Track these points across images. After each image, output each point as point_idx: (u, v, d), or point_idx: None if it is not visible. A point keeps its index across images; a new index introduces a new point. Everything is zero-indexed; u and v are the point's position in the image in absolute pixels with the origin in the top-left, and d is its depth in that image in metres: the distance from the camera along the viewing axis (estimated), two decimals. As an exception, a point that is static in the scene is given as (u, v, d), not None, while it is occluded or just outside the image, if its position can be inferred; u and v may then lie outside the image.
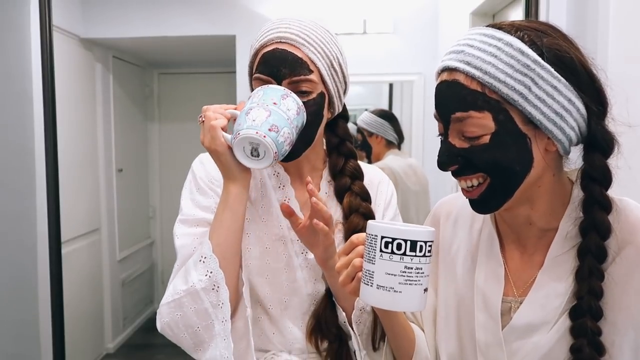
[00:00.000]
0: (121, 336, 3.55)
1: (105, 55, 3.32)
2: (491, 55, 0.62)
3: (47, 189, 1.78)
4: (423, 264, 0.63)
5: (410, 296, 0.63)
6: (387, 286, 0.63)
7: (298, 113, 0.81)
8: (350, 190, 0.95)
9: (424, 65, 2.90)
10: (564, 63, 0.62)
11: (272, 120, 0.77)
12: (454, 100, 0.65)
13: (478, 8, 2.24)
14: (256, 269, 0.92)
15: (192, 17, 2.95)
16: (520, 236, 0.73)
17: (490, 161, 0.64)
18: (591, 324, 0.62)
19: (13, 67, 2.30)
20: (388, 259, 0.63)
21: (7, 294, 2.24)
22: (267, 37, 0.89)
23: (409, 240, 0.62)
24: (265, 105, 0.79)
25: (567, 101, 0.62)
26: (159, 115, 4.10)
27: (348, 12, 2.90)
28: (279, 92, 0.81)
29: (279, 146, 0.78)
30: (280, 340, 0.92)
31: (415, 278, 0.63)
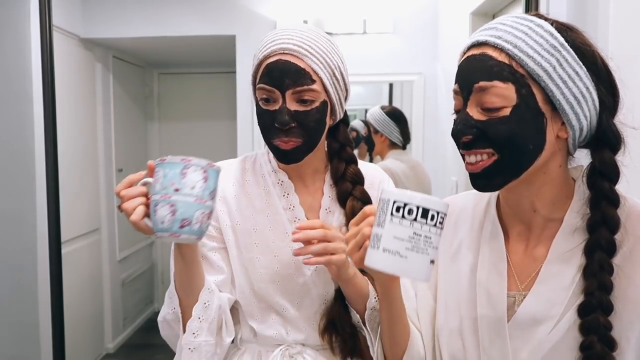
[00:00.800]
0: (121, 336, 3.55)
1: (105, 55, 3.32)
2: (522, 32, 0.65)
3: (47, 189, 1.78)
4: (433, 233, 0.63)
5: (415, 263, 0.62)
6: (393, 250, 0.62)
7: (205, 179, 0.75)
8: (352, 195, 0.98)
9: (424, 65, 2.90)
10: (585, 54, 0.65)
11: (179, 216, 0.74)
12: (479, 70, 0.66)
13: (478, 8, 2.24)
14: (267, 277, 0.96)
15: (192, 17, 2.95)
16: (525, 225, 0.73)
17: (507, 135, 0.65)
18: (603, 319, 0.62)
19: (13, 67, 2.30)
20: (397, 223, 0.62)
21: (7, 294, 2.24)
22: (270, 48, 0.91)
23: (421, 207, 0.62)
24: (168, 197, 0.74)
25: (585, 88, 0.65)
26: (159, 115, 4.10)
27: (348, 12, 2.90)
28: (177, 170, 0.74)
29: (197, 232, 0.76)
30: (295, 338, 0.98)
31: (423, 246, 0.62)
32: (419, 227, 0.62)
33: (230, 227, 0.98)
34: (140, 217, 0.77)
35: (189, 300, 0.91)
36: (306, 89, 0.90)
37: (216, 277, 0.97)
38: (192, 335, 0.90)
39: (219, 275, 0.98)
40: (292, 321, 0.98)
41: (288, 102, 0.90)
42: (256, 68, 0.93)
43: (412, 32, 2.91)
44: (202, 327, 0.91)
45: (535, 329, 0.68)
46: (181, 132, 4.07)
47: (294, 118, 0.90)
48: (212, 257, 0.98)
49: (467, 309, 0.74)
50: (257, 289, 0.97)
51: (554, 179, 0.69)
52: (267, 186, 1.00)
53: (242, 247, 0.97)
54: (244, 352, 1.01)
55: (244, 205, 0.99)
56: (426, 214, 0.62)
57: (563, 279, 0.67)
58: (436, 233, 0.63)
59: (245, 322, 1.00)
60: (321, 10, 2.88)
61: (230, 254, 0.98)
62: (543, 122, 0.65)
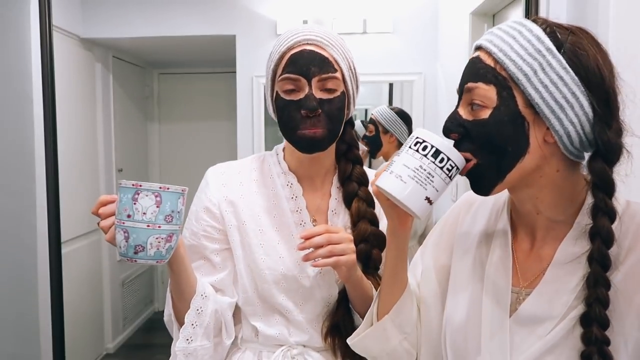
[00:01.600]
0: (121, 336, 3.55)
1: (105, 55, 3.32)
2: (511, 37, 0.66)
3: (47, 189, 1.78)
4: (437, 174, 0.68)
5: (412, 192, 0.69)
6: (398, 173, 0.69)
7: (158, 204, 0.76)
8: (358, 196, 1.00)
9: (424, 65, 2.90)
10: (579, 59, 0.64)
11: (132, 242, 0.75)
12: (470, 72, 0.70)
13: (478, 8, 2.24)
14: (271, 278, 0.97)
15: (192, 17, 2.95)
16: (530, 226, 0.74)
17: (485, 135, 0.67)
18: (598, 332, 0.62)
19: (13, 67, 2.30)
20: (410, 154, 0.70)
21: (7, 294, 2.24)
22: (294, 40, 0.93)
23: (435, 147, 0.68)
24: (122, 224, 0.75)
25: (570, 94, 0.64)
26: (159, 115, 4.10)
27: (348, 12, 2.90)
28: (129, 195, 0.75)
29: (154, 257, 0.77)
30: (297, 339, 0.99)
31: (424, 180, 0.68)
32: (426, 162, 0.68)
33: (236, 227, 0.99)
34: (112, 237, 0.79)
35: (181, 305, 0.94)
36: (331, 76, 0.92)
37: (216, 277, 0.99)
38: (186, 341, 0.92)
39: (220, 274, 0.99)
40: (295, 323, 0.98)
41: (314, 90, 0.92)
42: (277, 62, 0.94)
43: (412, 32, 2.91)
44: (197, 332, 0.92)
45: (535, 327, 0.68)
46: (181, 132, 4.07)
47: (319, 105, 0.92)
48: (215, 259, 0.99)
49: (473, 300, 0.76)
50: (261, 290, 0.98)
51: (552, 183, 0.69)
52: (276, 187, 1.00)
53: (248, 247, 0.98)
54: (244, 351, 1.02)
55: (250, 205, 1.00)
56: (437, 155, 0.68)
57: (568, 281, 0.67)
58: (440, 176, 0.69)
59: (247, 321, 1.01)
60: (321, 10, 2.88)
61: (235, 254, 0.99)
62: (524, 125, 0.66)
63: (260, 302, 0.99)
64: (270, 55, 0.97)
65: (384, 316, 0.83)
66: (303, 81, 0.91)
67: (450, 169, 0.69)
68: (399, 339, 0.84)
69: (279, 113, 0.95)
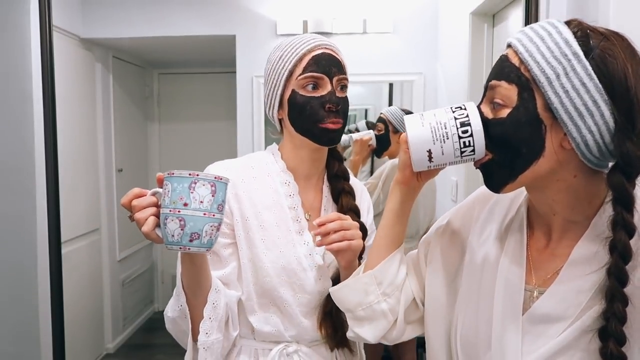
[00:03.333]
0: (121, 336, 3.55)
1: (105, 55, 3.32)
2: (540, 38, 0.65)
3: (47, 189, 1.78)
4: (453, 139, 0.70)
5: (421, 136, 0.71)
6: (424, 117, 0.72)
7: (213, 193, 0.77)
8: (344, 190, 1.09)
9: (424, 65, 2.90)
10: (607, 66, 0.62)
11: (189, 230, 0.76)
12: (496, 70, 0.70)
13: (478, 8, 2.24)
14: (272, 272, 1.02)
15: (192, 17, 2.95)
16: (546, 225, 0.73)
17: (501, 135, 0.67)
18: (614, 348, 0.61)
19: (13, 67, 2.30)
20: (446, 111, 0.72)
21: (7, 294, 2.24)
22: (313, 43, 1.02)
23: (469, 118, 0.69)
24: (177, 212, 0.75)
25: (591, 101, 0.62)
26: (159, 115, 4.10)
27: (348, 12, 2.90)
28: (185, 184, 0.76)
29: (206, 245, 0.79)
30: (292, 334, 1.04)
31: (439, 135, 0.70)
32: (451, 123, 0.70)
33: (241, 223, 1.03)
34: (151, 227, 0.78)
35: (196, 300, 0.94)
36: (345, 77, 1.04)
37: (223, 271, 1.02)
38: (205, 335, 0.95)
39: (227, 269, 1.02)
40: (290, 316, 1.03)
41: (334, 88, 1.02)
42: (295, 62, 1.01)
43: (412, 32, 2.91)
44: (213, 326, 0.95)
45: (548, 327, 0.68)
46: (181, 132, 4.08)
47: (339, 101, 1.02)
48: (223, 253, 1.03)
49: (486, 295, 0.75)
50: (262, 283, 1.02)
51: (569, 187, 0.68)
52: (274, 185, 1.06)
53: (251, 242, 1.02)
54: (240, 349, 1.05)
55: (252, 202, 1.04)
56: (464, 125, 0.70)
57: (583, 282, 0.66)
58: (454, 143, 0.70)
59: (244, 318, 1.04)
60: (321, 10, 2.88)
61: (240, 248, 1.03)
62: (541, 128, 0.65)
63: (257, 297, 1.03)
64: (281, 58, 1.02)
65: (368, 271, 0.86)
66: (326, 79, 1.01)
67: (466, 145, 0.70)
68: (377, 297, 0.85)
69: (299, 108, 1.01)
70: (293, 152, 1.07)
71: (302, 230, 1.06)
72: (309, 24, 2.88)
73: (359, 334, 0.87)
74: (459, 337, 0.78)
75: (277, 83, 1.03)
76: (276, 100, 1.04)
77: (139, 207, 0.79)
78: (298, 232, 1.05)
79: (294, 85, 1.01)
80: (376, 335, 0.86)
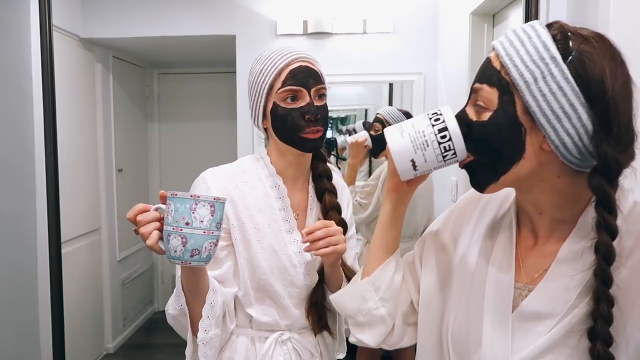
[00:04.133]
0: (121, 336, 3.55)
1: (105, 55, 3.32)
2: (519, 42, 0.66)
3: (47, 189, 1.78)
4: (433, 145, 0.72)
5: (403, 148, 0.74)
6: (403, 128, 0.75)
7: (213, 213, 0.83)
8: (327, 189, 1.17)
9: (424, 65, 2.90)
10: (585, 69, 0.62)
11: (190, 247, 0.82)
12: (480, 73, 0.71)
13: (478, 8, 2.24)
14: (267, 269, 1.10)
15: (192, 17, 2.95)
16: (533, 224, 0.74)
17: (483, 138, 0.69)
18: (602, 349, 0.62)
19: (13, 67, 2.30)
20: (423, 119, 0.74)
21: (7, 294, 2.24)
22: (290, 57, 1.08)
23: (445, 123, 0.71)
24: (180, 230, 0.82)
25: (568, 104, 0.62)
26: (159, 115, 4.10)
27: (348, 12, 2.90)
28: (187, 205, 0.82)
29: (205, 259, 0.85)
30: (286, 323, 1.14)
31: (419, 144, 0.73)
32: (430, 130, 0.72)
33: (237, 226, 1.10)
34: (155, 241, 0.85)
35: (195, 300, 1.01)
36: (322, 87, 1.11)
37: (219, 270, 1.09)
38: (204, 332, 1.02)
39: (222, 268, 1.10)
40: (284, 308, 1.13)
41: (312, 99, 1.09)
42: (275, 75, 1.08)
43: (412, 32, 2.91)
44: (211, 323, 1.03)
45: (536, 324, 0.68)
46: (181, 132, 4.08)
47: (318, 110, 1.09)
48: (220, 255, 1.10)
49: (476, 293, 0.76)
50: (258, 280, 1.10)
51: (554, 188, 0.69)
52: (265, 188, 1.14)
53: (247, 243, 1.10)
54: (237, 337, 1.14)
55: (246, 205, 1.11)
56: (442, 131, 0.72)
57: (571, 279, 0.67)
58: (435, 149, 0.72)
59: (242, 310, 1.13)
60: (321, 10, 2.88)
61: (237, 250, 1.10)
62: (521, 131, 0.66)
63: (254, 291, 1.11)
64: (262, 72, 1.09)
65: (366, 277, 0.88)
66: (304, 91, 1.07)
67: (447, 149, 0.72)
68: (375, 303, 0.87)
69: (281, 120, 1.08)
70: (279, 157, 1.15)
71: (291, 229, 1.14)
72: (309, 24, 2.88)
73: (361, 339, 0.89)
74: (450, 335, 0.79)
75: (259, 96, 1.10)
76: (259, 112, 1.12)
77: (143, 221, 0.86)
78: (288, 232, 1.13)
79: (275, 98, 1.08)
80: (376, 340, 0.88)
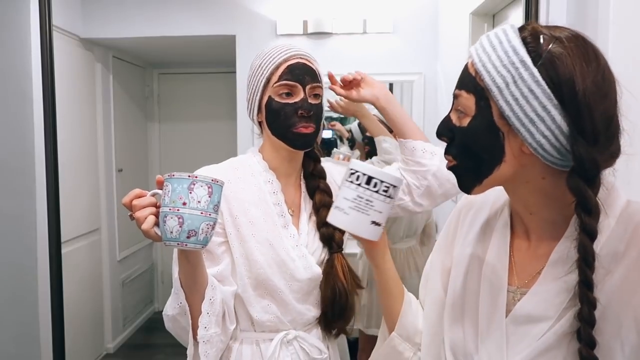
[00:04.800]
0: (121, 336, 3.56)
1: (105, 55, 3.32)
2: (491, 47, 0.66)
3: (47, 189, 1.78)
4: (375, 198, 0.75)
5: (356, 221, 0.75)
6: (341, 207, 0.76)
7: (210, 194, 0.83)
8: (319, 188, 1.18)
9: (424, 65, 2.90)
10: (555, 71, 0.62)
11: (187, 227, 0.81)
12: (459, 80, 0.72)
13: (478, 8, 2.24)
14: (265, 263, 1.09)
15: (192, 17, 2.95)
16: (525, 225, 0.74)
17: (463, 143, 0.70)
18: (585, 351, 0.61)
19: (13, 67, 2.30)
20: (347, 186, 0.76)
21: (7, 294, 2.24)
22: (289, 53, 1.10)
23: (367, 174, 0.75)
24: (176, 210, 0.81)
25: (540, 107, 0.62)
26: (159, 115, 4.10)
27: (348, 12, 2.90)
28: (184, 185, 0.82)
29: (202, 242, 0.84)
30: (289, 319, 1.12)
31: (364, 208, 0.75)
32: (362, 190, 0.75)
33: (231, 222, 1.09)
34: (151, 225, 0.84)
35: (194, 296, 0.99)
36: (318, 85, 1.12)
37: (217, 268, 1.08)
38: (204, 329, 1.00)
39: (220, 266, 1.08)
40: (285, 303, 1.11)
41: (307, 95, 1.10)
42: (272, 70, 1.09)
43: (412, 32, 2.91)
44: (211, 320, 1.01)
45: (531, 327, 0.68)
46: (181, 132, 4.08)
47: (311, 107, 1.10)
48: (217, 251, 1.09)
49: (471, 298, 0.76)
50: (256, 275, 1.09)
51: (540, 189, 0.68)
52: (259, 183, 1.14)
53: (242, 238, 1.09)
54: (242, 341, 1.12)
55: (240, 200, 1.11)
56: (369, 181, 0.75)
57: (564, 281, 0.66)
58: (378, 199, 0.75)
59: (244, 312, 1.11)
60: (321, 10, 2.88)
61: (232, 245, 1.09)
62: (499, 135, 0.66)
63: (253, 288, 1.10)
64: (261, 66, 1.11)
65: (392, 332, 0.88)
66: (299, 87, 1.09)
67: (386, 189, 0.75)
68: (412, 351, 0.87)
69: (274, 114, 1.10)
70: (273, 152, 1.16)
71: (287, 224, 1.14)
72: (309, 24, 2.88)
73: None
74: (447, 340, 0.78)
75: (256, 89, 1.12)
76: (255, 105, 1.13)
77: (139, 206, 0.85)
78: (284, 226, 1.13)
79: (271, 92, 1.10)
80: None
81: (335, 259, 1.15)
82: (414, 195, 1.19)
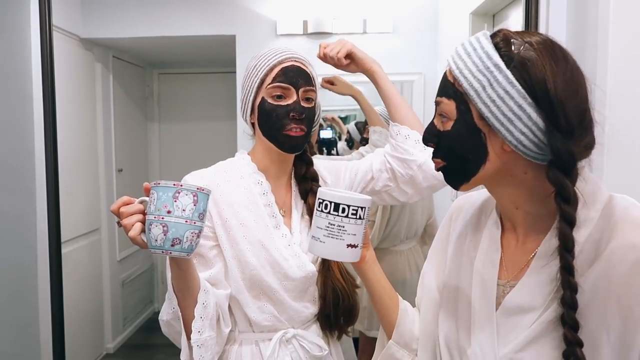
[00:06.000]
0: (121, 336, 3.56)
1: (105, 55, 3.32)
2: (467, 54, 0.71)
3: (47, 189, 1.78)
4: (345, 223, 0.77)
5: (332, 247, 0.78)
6: (316, 236, 0.79)
7: (195, 202, 0.84)
8: (312, 190, 1.18)
9: (424, 65, 2.90)
10: (527, 71, 0.66)
11: (171, 235, 0.82)
12: (439, 87, 0.76)
13: (478, 8, 2.24)
14: (258, 264, 1.09)
15: (192, 17, 2.95)
16: (512, 220, 0.77)
17: (448, 146, 0.74)
18: (569, 334, 0.64)
19: (13, 67, 2.30)
20: (318, 215, 0.79)
21: (7, 294, 2.24)
22: (284, 55, 1.11)
23: (333, 202, 0.77)
24: (161, 218, 0.82)
25: (516, 106, 0.66)
26: (159, 115, 4.10)
27: (348, 12, 2.90)
28: (169, 193, 0.82)
29: (187, 250, 0.85)
30: (286, 317, 1.13)
31: (338, 234, 0.77)
32: (332, 218, 0.77)
33: (221, 224, 1.10)
34: (137, 232, 0.85)
35: (187, 301, 1.00)
36: (311, 89, 1.12)
37: (210, 271, 1.08)
38: (198, 333, 1.00)
39: (213, 269, 1.09)
40: (281, 302, 1.11)
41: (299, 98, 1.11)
42: (266, 72, 1.10)
43: (412, 32, 2.91)
44: (205, 324, 1.01)
45: (520, 318, 0.71)
46: (181, 132, 4.08)
47: (303, 110, 1.10)
48: (209, 255, 1.09)
49: (464, 293, 0.79)
50: (250, 277, 1.09)
51: (524, 183, 0.72)
52: (248, 185, 1.14)
53: (233, 240, 1.09)
54: (241, 342, 1.13)
55: (229, 203, 1.11)
56: (337, 208, 0.77)
57: (550, 272, 0.69)
58: (349, 223, 0.77)
59: (241, 313, 1.12)
60: (321, 10, 2.88)
61: (223, 248, 1.10)
62: (481, 136, 0.70)
63: (247, 290, 1.10)
64: (255, 67, 1.12)
65: (389, 340, 0.90)
66: (292, 90, 1.10)
67: (355, 212, 0.77)
68: (410, 357, 0.89)
69: (266, 115, 1.11)
70: (263, 154, 1.16)
71: (278, 225, 1.14)
72: (309, 24, 2.88)
73: None
74: (441, 336, 0.81)
75: (250, 90, 1.13)
76: (248, 106, 1.14)
77: (126, 213, 0.86)
78: (275, 227, 1.13)
79: (264, 93, 1.11)
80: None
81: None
82: (399, 182, 1.23)
